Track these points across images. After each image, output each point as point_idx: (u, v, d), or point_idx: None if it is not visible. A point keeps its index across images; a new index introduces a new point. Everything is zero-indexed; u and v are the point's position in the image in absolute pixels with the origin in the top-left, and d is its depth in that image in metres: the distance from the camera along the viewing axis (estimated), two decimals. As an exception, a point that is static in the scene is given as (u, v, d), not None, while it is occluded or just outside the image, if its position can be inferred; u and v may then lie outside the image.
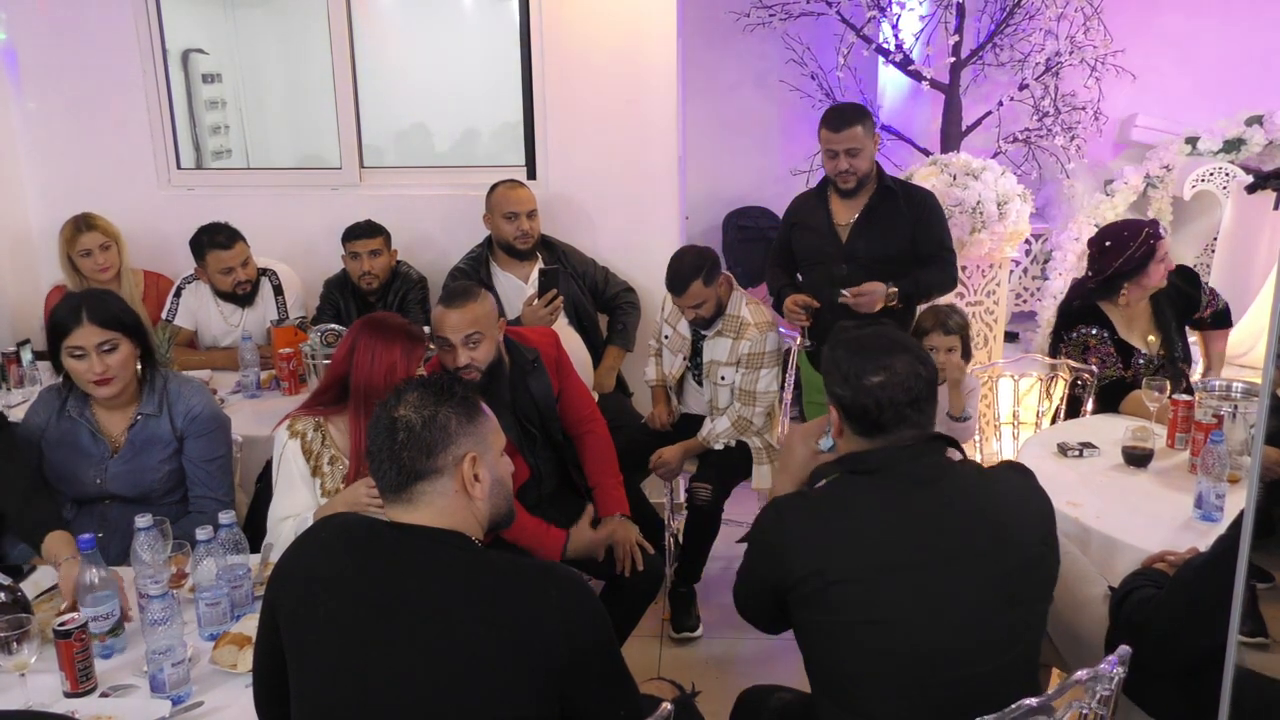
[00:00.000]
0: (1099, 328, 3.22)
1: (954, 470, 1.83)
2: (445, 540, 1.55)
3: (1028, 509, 1.83)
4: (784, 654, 3.34)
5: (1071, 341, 3.27)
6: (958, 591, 1.71)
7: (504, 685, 1.46)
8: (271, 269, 4.02)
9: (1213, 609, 1.70)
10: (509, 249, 3.85)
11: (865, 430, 1.81)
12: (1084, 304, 3.29)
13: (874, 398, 1.77)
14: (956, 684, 1.70)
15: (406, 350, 2.40)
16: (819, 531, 1.77)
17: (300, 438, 2.45)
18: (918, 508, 1.76)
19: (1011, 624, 1.76)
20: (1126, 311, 3.24)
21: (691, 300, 3.27)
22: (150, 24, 4.24)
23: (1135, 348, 3.21)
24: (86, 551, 2.05)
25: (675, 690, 2.01)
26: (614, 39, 4.00)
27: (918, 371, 1.79)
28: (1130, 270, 3.16)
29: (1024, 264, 5.89)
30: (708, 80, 6.11)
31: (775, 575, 1.79)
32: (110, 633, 1.99)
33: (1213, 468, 2.41)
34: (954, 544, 1.73)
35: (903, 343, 1.85)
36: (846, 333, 1.90)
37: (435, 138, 5.50)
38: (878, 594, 1.70)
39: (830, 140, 3.37)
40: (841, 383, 1.81)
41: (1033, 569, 1.79)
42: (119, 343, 2.47)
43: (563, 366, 3.01)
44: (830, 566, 1.72)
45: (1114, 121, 5.69)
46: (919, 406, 1.79)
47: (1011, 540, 1.77)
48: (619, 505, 2.91)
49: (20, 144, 4.32)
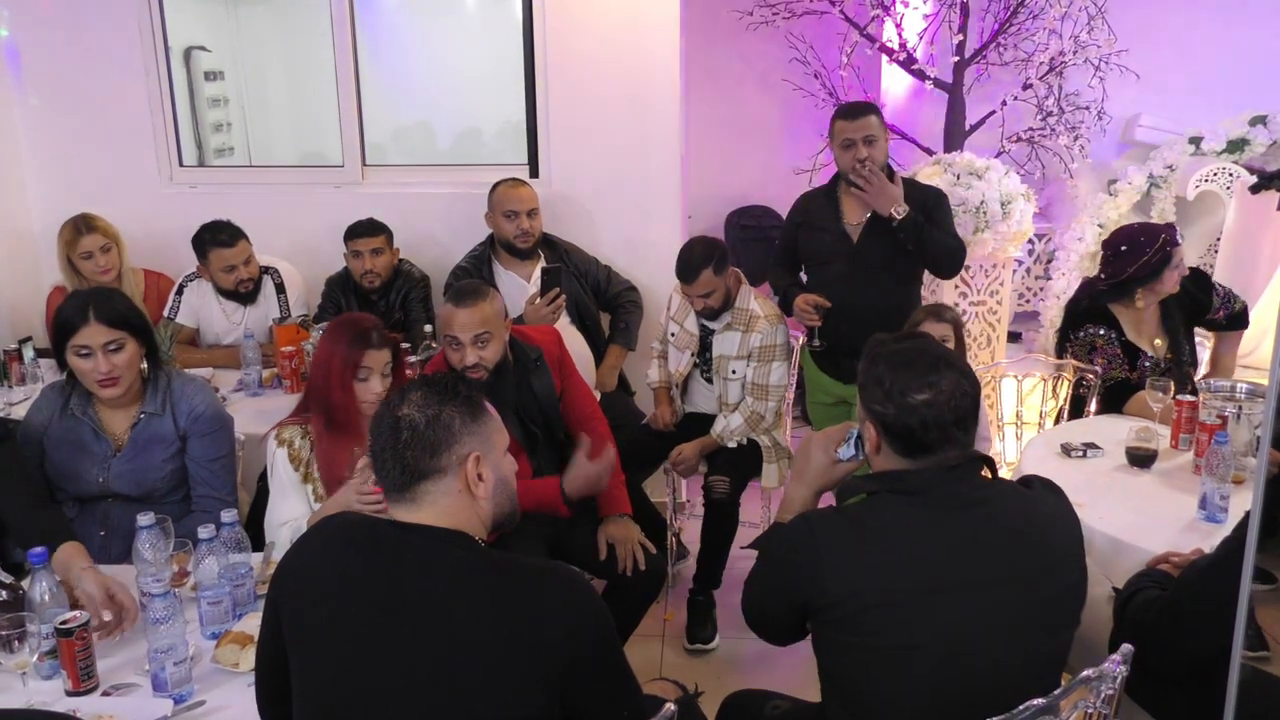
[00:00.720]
0: (1106, 328, 3.21)
1: (995, 492, 1.76)
2: (448, 540, 1.54)
3: (1065, 534, 1.78)
4: (786, 656, 3.32)
5: (1078, 341, 3.26)
6: (997, 618, 1.67)
7: (506, 685, 1.46)
8: (274, 267, 4.02)
9: (1218, 611, 1.69)
10: (510, 248, 3.85)
11: (907, 450, 1.73)
12: (1093, 304, 3.27)
13: (919, 417, 1.69)
14: (984, 709, 1.64)
15: (348, 346, 2.41)
16: (857, 553, 1.70)
17: (287, 446, 2.48)
18: (961, 532, 1.70)
19: (1049, 651, 1.72)
20: (1136, 314, 3.22)
21: (701, 289, 3.27)
22: (153, 21, 4.24)
23: (1142, 350, 3.20)
24: (38, 566, 1.99)
25: (678, 690, 2.01)
26: (617, 37, 4.00)
27: (964, 389, 1.71)
28: (1145, 276, 3.14)
29: (1027, 264, 5.88)
30: (710, 79, 6.10)
31: (805, 594, 1.73)
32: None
33: (1217, 469, 2.40)
34: (996, 571, 1.68)
35: (947, 357, 1.76)
36: (884, 345, 1.80)
37: (438, 136, 5.50)
38: (915, 619, 1.66)
39: (846, 130, 3.32)
40: (883, 400, 1.73)
41: (1069, 596, 1.75)
42: (125, 342, 2.47)
43: (565, 366, 3.01)
44: (869, 589, 1.66)
45: (1118, 121, 5.68)
46: (964, 426, 1.72)
47: (1051, 567, 1.72)
48: (621, 505, 2.90)
49: (22, 141, 4.32)
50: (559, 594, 1.50)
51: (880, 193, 3.28)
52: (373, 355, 2.43)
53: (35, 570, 1.99)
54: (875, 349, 1.81)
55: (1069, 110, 5.52)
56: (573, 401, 2.99)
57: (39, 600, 1.96)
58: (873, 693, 1.73)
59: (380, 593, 1.51)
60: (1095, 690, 1.69)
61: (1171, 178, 5.33)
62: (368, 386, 2.44)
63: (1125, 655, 1.73)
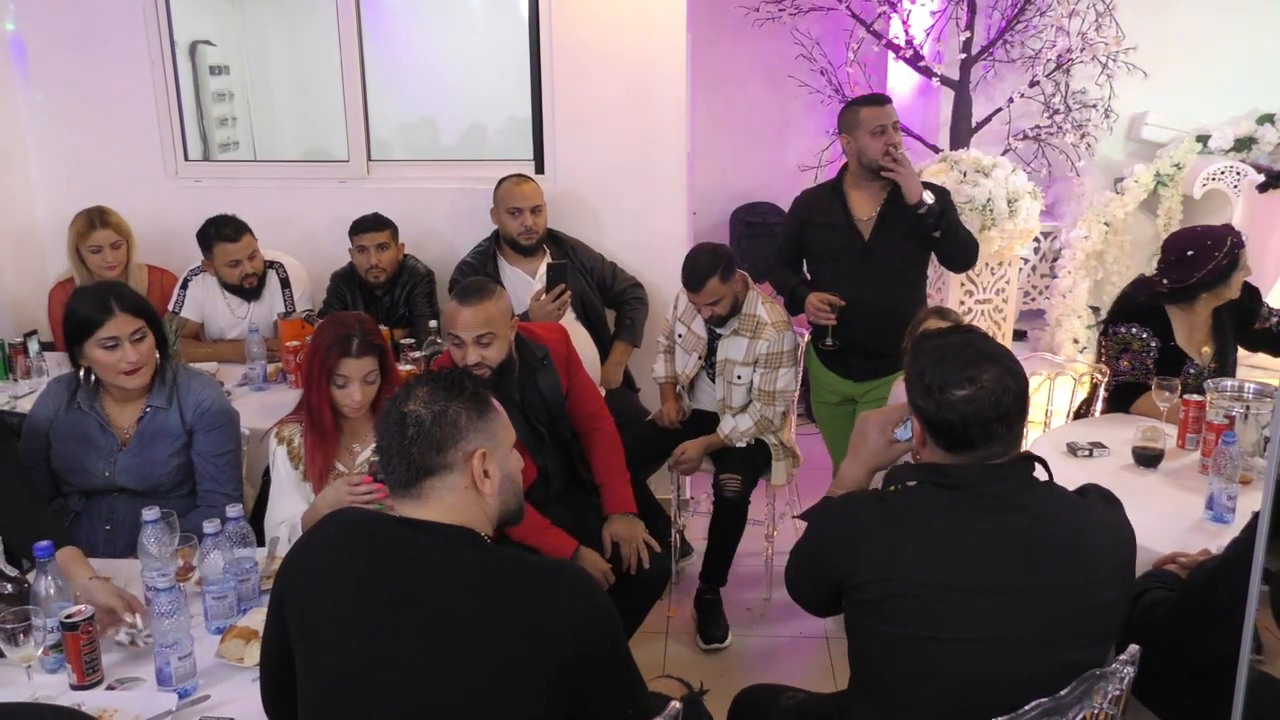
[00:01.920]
0: (1150, 333, 3.10)
1: (1042, 495, 1.74)
2: (454, 536, 1.54)
3: (1115, 547, 1.74)
4: (791, 653, 3.34)
5: (1116, 336, 3.16)
6: (1026, 623, 1.65)
7: (512, 682, 1.45)
8: (279, 262, 4.01)
9: (1225, 612, 1.68)
10: (514, 244, 3.84)
11: (949, 446, 1.71)
12: (1150, 303, 3.14)
13: (959, 413, 1.67)
14: (1004, 710, 1.63)
15: (325, 351, 2.42)
16: (890, 540, 1.70)
17: (287, 444, 2.50)
18: (996, 534, 1.67)
19: (1079, 661, 1.69)
20: (1191, 319, 3.13)
21: (708, 297, 3.26)
22: (158, 15, 4.23)
23: (1189, 356, 3.11)
24: (42, 559, 1.99)
25: (684, 688, 2.00)
26: (623, 33, 3.99)
27: (1007, 385, 1.67)
28: (1213, 281, 3.04)
29: (1033, 262, 5.87)
30: (716, 75, 6.09)
31: (840, 570, 1.73)
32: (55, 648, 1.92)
33: (1224, 469, 2.39)
34: (1032, 576, 1.66)
35: (990, 352, 1.71)
36: (929, 340, 1.79)
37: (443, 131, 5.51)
38: (938, 613, 1.65)
39: (877, 117, 3.26)
40: (924, 395, 1.71)
41: (1108, 610, 1.72)
42: (147, 331, 2.50)
43: (572, 363, 3.01)
44: (897, 577, 1.66)
45: (1125, 119, 5.66)
46: (1008, 423, 1.68)
47: (1094, 579, 1.69)
48: (626, 504, 2.89)
49: (28, 135, 4.32)
50: (566, 592, 1.50)
51: (912, 176, 3.24)
52: (350, 364, 2.42)
53: (40, 564, 1.99)
54: (919, 344, 1.80)
55: (1076, 108, 5.50)
56: (579, 399, 2.99)
57: (44, 594, 1.96)
58: (893, 682, 1.73)
59: (386, 589, 1.50)
60: (1102, 691, 1.69)
61: (1179, 176, 5.32)
62: (346, 394, 2.44)
63: (1132, 656, 1.72)
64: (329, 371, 2.42)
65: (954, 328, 1.81)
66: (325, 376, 2.43)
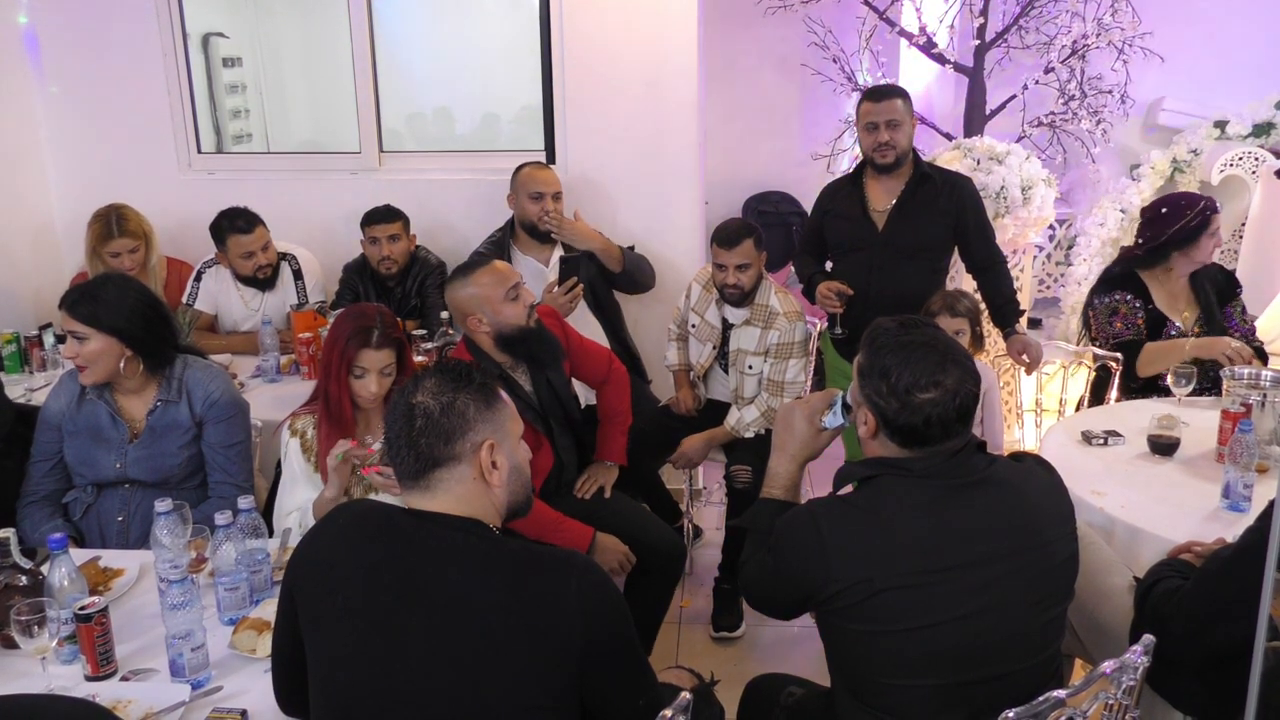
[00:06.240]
0: (1134, 295, 3.23)
1: (998, 469, 1.78)
2: (463, 527, 1.54)
3: (1058, 508, 1.81)
4: (801, 641, 3.33)
5: (1103, 305, 3.27)
6: (1000, 593, 1.68)
7: (521, 673, 1.46)
8: (291, 253, 4.02)
9: (1240, 601, 1.67)
10: (532, 230, 3.82)
11: (906, 442, 1.73)
12: (1125, 270, 3.29)
13: (923, 415, 1.68)
14: (991, 681, 1.68)
15: (345, 342, 2.43)
16: (864, 540, 1.70)
17: (300, 436, 2.51)
18: (961, 511, 1.71)
19: (1047, 623, 1.74)
20: (1167, 285, 3.24)
21: (740, 257, 3.26)
22: (171, 7, 4.24)
23: (1170, 319, 3.21)
24: (56, 551, 2.00)
25: (694, 679, 2.00)
26: (634, 21, 3.97)
27: (968, 387, 1.70)
28: (1182, 240, 3.17)
29: (1048, 249, 5.83)
30: (728, 64, 6.06)
31: (811, 583, 1.73)
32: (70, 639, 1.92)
33: (1240, 457, 2.37)
34: (997, 546, 1.70)
35: (952, 353, 1.74)
36: (888, 335, 1.77)
37: (455, 122, 5.50)
38: (924, 600, 1.66)
39: (871, 112, 3.32)
40: (887, 394, 1.71)
41: (1063, 568, 1.77)
42: (90, 335, 2.46)
43: (570, 338, 3.01)
44: (878, 575, 1.67)
45: (1141, 105, 5.61)
46: (966, 420, 1.72)
47: (1047, 541, 1.74)
48: (616, 455, 2.98)
49: (42, 129, 4.34)
50: (575, 583, 1.50)
51: (1037, 357, 3.34)
52: (369, 355, 2.43)
53: (54, 556, 2.00)
54: (880, 337, 1.78)
55: (1091, 94, 5.46)
56: (586, 364, 3.04)
57: (58, 586, 1.97)
58: (877, 672, 1.74)
59: (396, 580, 1.51)
60: (1116, 681, 1.68)
61: (1196, 162, 5.28)
62: (363, 384, 2.45)
63: (1146, 645, 1.72)
64: (348, 362, 2.42)
65: (911, 322, 1.80)
66: (344, 367, 2.43)
